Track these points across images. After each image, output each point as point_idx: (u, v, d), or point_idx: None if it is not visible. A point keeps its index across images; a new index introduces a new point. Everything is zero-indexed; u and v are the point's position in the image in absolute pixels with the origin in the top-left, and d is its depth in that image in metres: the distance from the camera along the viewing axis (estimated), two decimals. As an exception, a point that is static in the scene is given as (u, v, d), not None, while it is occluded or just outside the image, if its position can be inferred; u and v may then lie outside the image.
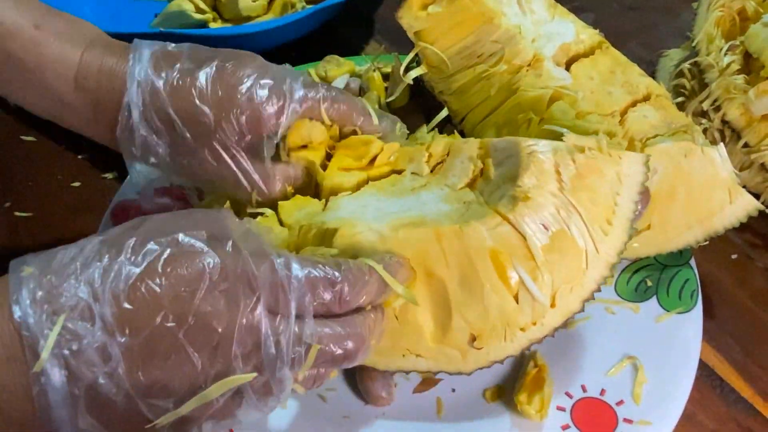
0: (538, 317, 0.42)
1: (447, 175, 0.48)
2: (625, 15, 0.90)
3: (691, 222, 0.51)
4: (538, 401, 0.45)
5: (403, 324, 0.42)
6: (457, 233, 0.41)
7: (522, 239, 0.41)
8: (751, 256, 0.62)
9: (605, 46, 0.57)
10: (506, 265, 0.41)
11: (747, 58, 0.62)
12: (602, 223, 0.43)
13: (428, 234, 0.41)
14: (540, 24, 0.55)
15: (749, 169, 0.61)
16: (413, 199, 0.46)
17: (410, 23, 0.56)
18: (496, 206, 0.42)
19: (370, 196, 0.47)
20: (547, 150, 0.43)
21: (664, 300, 0.52)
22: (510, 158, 0.45)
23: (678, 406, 0.46)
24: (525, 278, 0.41)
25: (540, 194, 0.42)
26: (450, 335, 0.42)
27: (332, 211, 0.46)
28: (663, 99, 0.54)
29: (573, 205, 0.42)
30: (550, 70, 0.53)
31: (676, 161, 0.50)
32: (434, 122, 0.55)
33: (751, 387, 0.53)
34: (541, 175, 0.42)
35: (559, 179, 0.43)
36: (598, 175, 0.43)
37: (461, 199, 0.46)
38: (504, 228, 0.41)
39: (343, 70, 0.69)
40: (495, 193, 0.45)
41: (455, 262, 0.41)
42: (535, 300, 0.41)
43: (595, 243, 0.42)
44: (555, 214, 0.42)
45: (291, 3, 0.79)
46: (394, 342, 0.42)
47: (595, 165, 0.43)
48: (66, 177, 0.68)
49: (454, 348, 0.42)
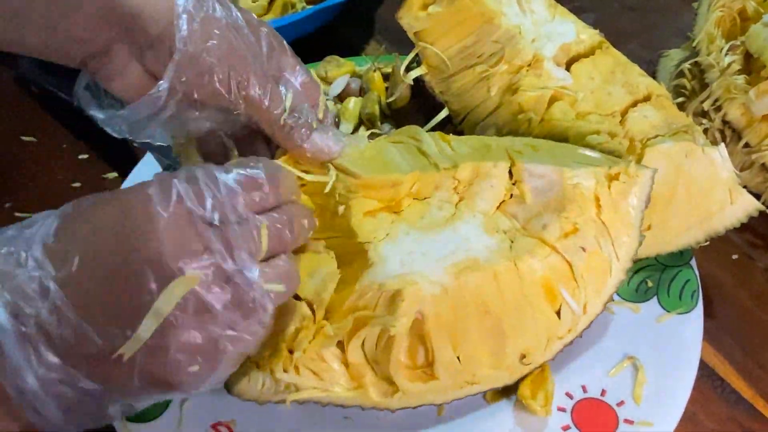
0: (573, 325, 0.46)
1: (475, 199, 0.47)
2: (626, 15, 0.90)
3: (692, 222, 0.51)
4: (542, 396, 0.46)
5: (464, 362, 0.43)
6: (512, 270, 0.44)
7: (568, 265, 0.45)
8: (752, 257, 0.62)
9: (606, 46, 0.57)
10: (554, 290, 0.45)
11: (747, 58, 0.62)
12: (623, 235, 0.46)
13: (486, 276, 0.43)
14: (540, 24, 0.55)
15: (750, 169, 0.61)
16: (452, 234, 0.46)
17: (410, 23, 0.56)
18: (542, 236, 0.45)
19: (406, 236, 0.46)
20: (591, 182, 0.47)
21: (665, 300, 0.52)
22: (551, 186, 0.47)
23: (679, 406, 0.46)
24: (568, 299, 0.45)
25: (583, 223, 0.45)
26: (503, 360, 0.44)
27: (380, 266, 0.44)
28: (663, 99, 0.54)
29: (606, 228, 0.46)
30: (550, 70, 0.53)
31: (676, 161, 0.50)
32: (434, 122, 0.55)
33: (751, 387, 0.52)
34: (585, 205, 0.46)
35: (598, 206, 0.46)
36: (626, 196, 0.47)
37: (498, 226, 0.46)
38: (553, 258, 0.44)
39: (344, 71, 0.69)
40: (535, 219, 0.46)
41: (510, 296, 0.43)
42: (573, 313, 0.45)
43: (617, 255, 0.46)
44: (593, 236, 0.45)
45: (291, 3, 0.79)
46: (455, 379, 0.44)
47: (624, 188, 0.47)
48: (66, 177, 0.68)
49: (506, 370, 0.45)
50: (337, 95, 0.67)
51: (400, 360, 0.43)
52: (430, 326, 0.42)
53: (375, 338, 0.42)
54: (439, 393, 0.44)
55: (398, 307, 0.41)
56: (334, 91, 0.67)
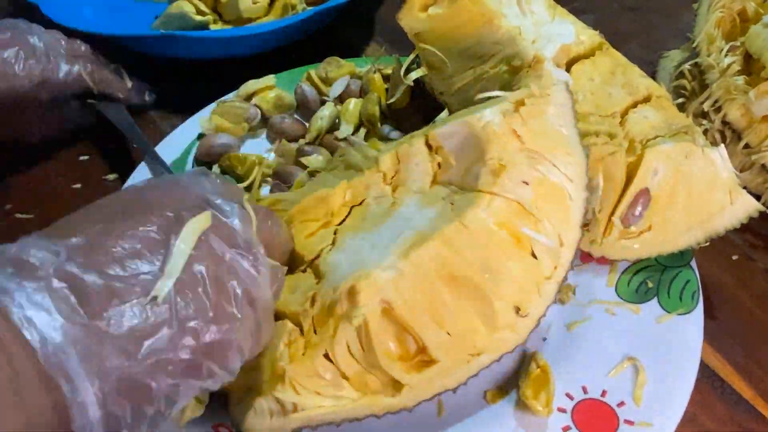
0: (556, 260, 0.44)
1: (407, 182, 0.48)
2: (626, 16, 0.90)
3: (692, 223, 0.51)
4: (544, 396, 0.46)
5: (456, 337, 0.42)
6: (461, 229, 0.42)
7: (516, 203, 0.43)
8: (752, 257, 0.62)
9: (605, 47, 0.57)
10: (516, 232, 0.43)
11: (747, 59, 0.62)
12: (563, 156, 0.45)
13: (437, 244, 0.42)
14: (540, 25, 0.55)
15: (750, 170, 0.61)
16: (394, 220, 0.46)
17: (411, 25, 0.56)
18: (477, 187, 0.44)
19: (353, 240, 0.46)
20: (497, 117, 0.46)
21: (665, 301, 0.52)
22: (465, 139, 0.46)
23: (679, 407, 0.46)
24: (533, 235, 0.43)
25: (509, 159, 0.44)
26: (498, 321, 0.42)
27: (332, 274, 0.44)
28: (663, 100, 0.54)
29: (536, 152, 0.45)
30: (550, 71, 0.53)
31: (676, 162, 0.50)
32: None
33: (752, 388, 0.52)
34: (502, 140, 0.45)
35: (517, 137, 0.45)
36: (541, 116, 0.46)
37: (437, 197, 0.46)
38: (496, 202, 0.43)
39: (344, 72, 0.69)
40: (467, 176, 0.46)
41: (471, 255, 0.42)
42: (548, 248, 0.44)
43: (567, 176, 0.45)
44: (528, 167, 0.44)
45: (291, 5, 0.79)
46: (455, 356, 0.42)
47: (536, 110, 0.46)
48: (67, 179, 0.68)
49: (505, 329, 0.43)
50: (337, 96, 0.67)
51: (390, 354, 0.42)
52: (402, 311, 0.41)
53: (355, 340, 0.41)
54: (447, 375, 0.42)
55: (358, 302, 0.41)
56: (335, 92, 0.67)
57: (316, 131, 0.65)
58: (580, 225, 0.45)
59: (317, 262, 0.46)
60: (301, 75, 0.70)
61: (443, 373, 0.42)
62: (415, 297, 0.41)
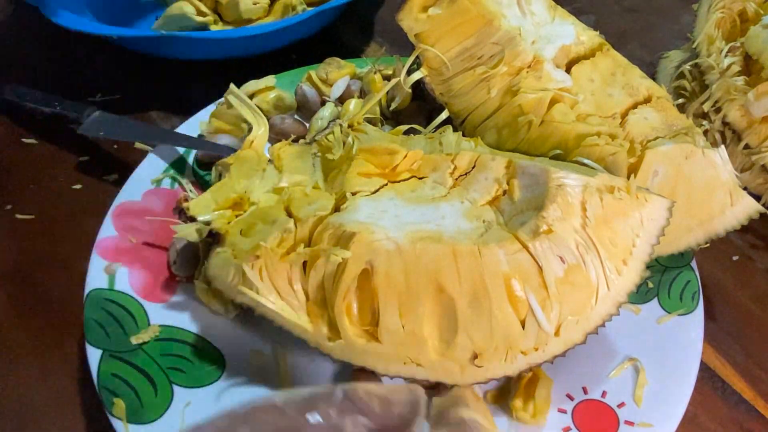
0: (541, 344, 0.42)
1: (469, 189, 0.48)
2: (626, 17, 0.90)
3: (692, 224, 0.51)
4: (532, 406, 0.46)
5: (408, 334, 0.42)
6: (474, 254, 0.41)
7: (538, 269, 0.41)
8: (752, 258, 0.62)
9: (606, 47, 0.57)
10: (520, 293, 0.41)
11: (747, 60, 0.62)
12: (618, 263, 0.43)
13: (445, 251, 0.42)
14: (540, 26, 0.55)
15: (750, 170, 0.61)
16: (432, 210, 0.46)
17: (410, 25, 0.56)
18: (516, 232, 0.42)
19: (389, 201, 0.47)
20: (577, 185, 0.43)
21: (666, 302, 0.52)
22: (538, 186, 0.44)
23: (679, 408, 0.46)
24: (535, 307, 0.41)
25: (563, 228, 0.42)
26: (453, 350, 0.42)
27: (350, 213, 0.45)
28: (664, 101, 0.54)
29: (593, 243, 0.42)
30: (550, 72, 0.53)
31: (676, 163, 0.50)
32: (434, 124, 0.55)
33: (752, 389, 0.53)
34: (567, 209, 0.42)
35: (584, 216, 0.42)
36: (622, 216, 0.43)
37: (481, 216, 0.46)
38: (522, 256, 0.41)
39: (344, 73, 0.69)
40: (517, 217, 0.45)
41: (468, 282, 0.41)
42: (540, 328, 0.42)
43: (607, 281, 0.42)
44: (574, 249, 0.42)
45: (292, 5, 0.79)
46: (397, 349, 0.43)
47: (621, 207, 0.43)
48: (67, 179, 0.68)
49: (454, 362, 0.43)
50: (337, 97, 0.67)
51: (348, 306, 0.43)
52: (379, 282, 0.42)
53: (331, 275, 0.43)
54: (380, 359, 0.43)
55: (348, 247, 0.42)
56: (335, 93, 0.67)
57: (316, 132, 0.65)
58: (586, 333, 0.43)
59: (349, 195, 0.47)
60: (302, 76, 0.70)
61: (377, 354, 0.43)
62: (397, 277, 0.42)
